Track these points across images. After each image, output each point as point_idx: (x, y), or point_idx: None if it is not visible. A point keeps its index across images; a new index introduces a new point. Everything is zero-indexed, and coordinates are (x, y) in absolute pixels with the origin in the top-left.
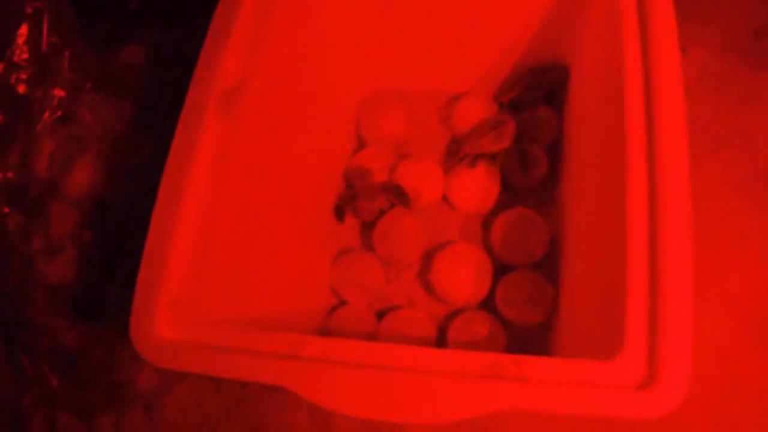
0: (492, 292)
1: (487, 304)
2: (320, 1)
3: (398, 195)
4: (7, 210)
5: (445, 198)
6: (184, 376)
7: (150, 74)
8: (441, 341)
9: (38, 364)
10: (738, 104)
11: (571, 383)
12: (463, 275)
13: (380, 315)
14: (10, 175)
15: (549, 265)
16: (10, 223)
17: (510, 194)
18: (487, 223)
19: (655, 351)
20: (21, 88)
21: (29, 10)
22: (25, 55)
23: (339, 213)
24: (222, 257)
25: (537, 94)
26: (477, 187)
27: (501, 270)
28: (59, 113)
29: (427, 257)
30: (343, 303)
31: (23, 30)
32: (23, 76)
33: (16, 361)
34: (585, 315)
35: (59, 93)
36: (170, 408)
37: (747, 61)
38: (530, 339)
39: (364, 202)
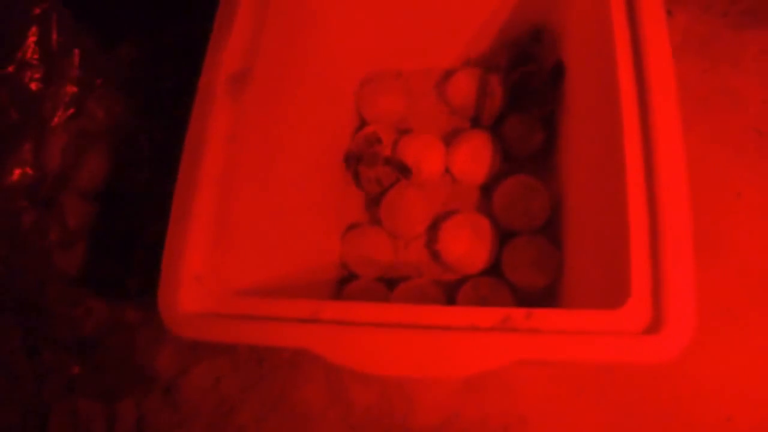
0: (498, 259)
1: (494, 271)
2: None
3: (401, 169)
4: (24, 204)
5: (447, 170)
6: (201, 358)
7: (154, 67)
8: None
9: (58, 353)
10: (723, 64)
11: (582, 331)
12: (469, 243)
13: (391, 286)
14: (27, 170)
15: (552, 229)
16: (26, 218)
17: (510, 164)
18: (489, 191)
19: (660, 298)
20: (33, 86)
21: (37, 11)
22: (36, 55)
23: (348, 165)
24: (238, 233)
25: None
26: (478, 158)
27: (505, 237)
28: (71, 110)
29: (433, 228)
30: (353, 276)
31: (33, 31)
32: (36, 75)
33: (36, 351)
34: (590, 272)
35: (71, 90)
36: (189, 388)
37: (729, 21)
38: (537, 303)
39: (364, 167)
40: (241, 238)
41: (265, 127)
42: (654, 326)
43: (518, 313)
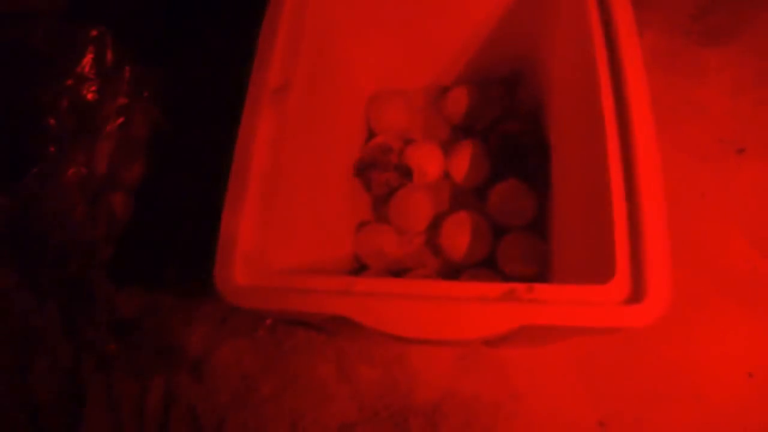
0: (492, 252)
1: (489, 263)
2: (337, 25)
3: (406, 172)
4: (77, 199)
5: (447, 174)
6: (225, 339)
7: (191, 84)
8: None
9: (97, 333)
10: (688, 79)
11: (574, 302)
12: (467, 238)
13: (398, 277)
14: (82, 169)
15: (539, 226)
16: (78, 211)
17: (502, 169)
18: (484, 193)
19: (640, 275)
20: (90, 97)
21: (95, 33)
22: (93, 70)
23: (358, 173)
24: (277, 222)
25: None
26: (473, 164)
27: (499, 232)
28: (121, 119)
29: (435, 225)
30: (363, 267)
31: (90, 49)
32: (92, 88)
33: (76, 331)
34: (576, 258)
35: (122, 101)
36: (214, 366)
37: (692, 39)
38: None
39: (377, 172)
40: (279, 227)
41: (300, 135)
42: (634, 298)
43: (521, 287)
